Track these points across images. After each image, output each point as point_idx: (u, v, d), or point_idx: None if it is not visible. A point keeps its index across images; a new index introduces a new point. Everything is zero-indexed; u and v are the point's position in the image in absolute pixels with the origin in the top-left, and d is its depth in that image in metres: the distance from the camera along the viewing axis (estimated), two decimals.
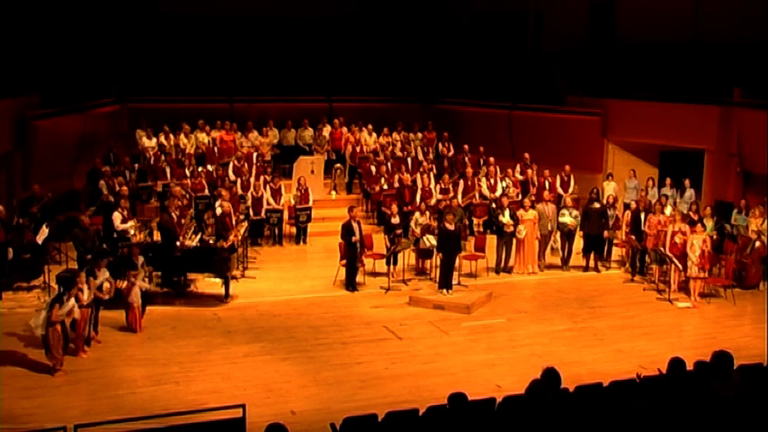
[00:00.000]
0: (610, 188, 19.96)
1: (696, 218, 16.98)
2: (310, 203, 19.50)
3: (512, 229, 17.36)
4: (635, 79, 21.19)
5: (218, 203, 17.34)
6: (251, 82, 23.46)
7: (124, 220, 16.13)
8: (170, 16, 22.90)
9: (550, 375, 7.90)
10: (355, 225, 16.07)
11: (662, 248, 16.22)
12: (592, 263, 17.90)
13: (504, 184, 20.15)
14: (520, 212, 17.45)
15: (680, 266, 15.89)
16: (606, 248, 18.30)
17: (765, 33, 18.44)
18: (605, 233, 17.80)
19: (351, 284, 16.17)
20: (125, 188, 17.55)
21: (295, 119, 23.03)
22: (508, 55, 24.81)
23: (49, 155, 18.46)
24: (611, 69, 22.12)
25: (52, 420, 9.95)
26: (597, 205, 17.76)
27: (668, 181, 19.87)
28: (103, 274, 13.28)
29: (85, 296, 12.39)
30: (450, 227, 15.62)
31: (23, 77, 18.35)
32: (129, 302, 13.49)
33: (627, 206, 18.83)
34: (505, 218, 17.42)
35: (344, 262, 16.21)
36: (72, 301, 12.03)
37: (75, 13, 21.12)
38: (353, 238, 15.93)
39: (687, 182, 19.52)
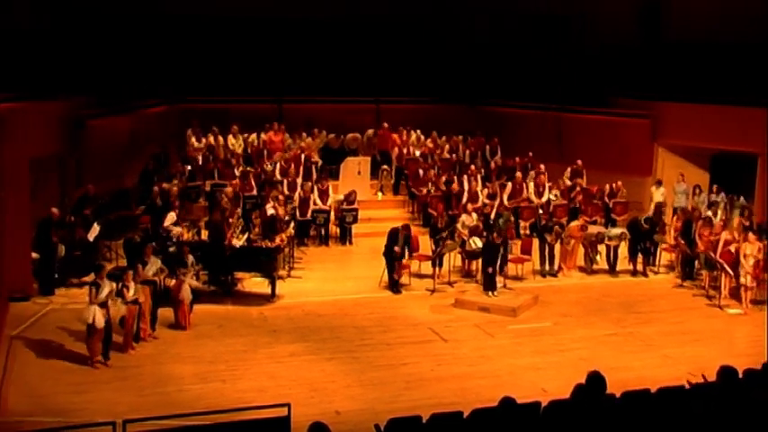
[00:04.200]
0: (658, 194, 19.71)
1: (747, 224, 16.67)
2: (355, 204, 19.55)
3: (555, 242, 17.28)
4: (685, 81, 20.86)
5: (270, 205, 17.46)
6: (300, 83, 23.58)
7: (176, 223, 16.31)
8: (221, 18, 23.12)
9: (595, 380, 7.80)
10: (401, 236, 16.03)
11: (712, 254, 15.95)
12: (640, 267, 17.68)
13: (553, 195, 19.97)
14: (574, 225, 17.33)
15: (731, 274, 15.59)
16: (654, 253, 18.06)
17: None
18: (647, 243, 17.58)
19: (393, 286, 16.17)
20: (175, 188, 17.77)
21: (343, 120, 23.12)
22: (557, 57, 24.60)
23: (101, 154, 18.77)
24: (660, 71, 21.82)
25: (102, 415, 10.09)
26: (646, 225, 17.45)
27: (714, 188, 19.51)
28: (155, 263, 13.50)
29: (131, 293, 12.57)
30: (498, 240, 15.63)
31: (78, 79, 18.67)
32: (180, 300, 13.69)
33: (676, 211, 18.56)
34: (551, 235, 17.28)
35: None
36: (107, 289, 12.22)
37: (127, 16, 21.44)
38: (395, 248, 15.93)
39: (735, 194, 19.16)
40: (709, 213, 17.63)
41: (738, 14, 20.34)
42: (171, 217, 16.34)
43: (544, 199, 19.79)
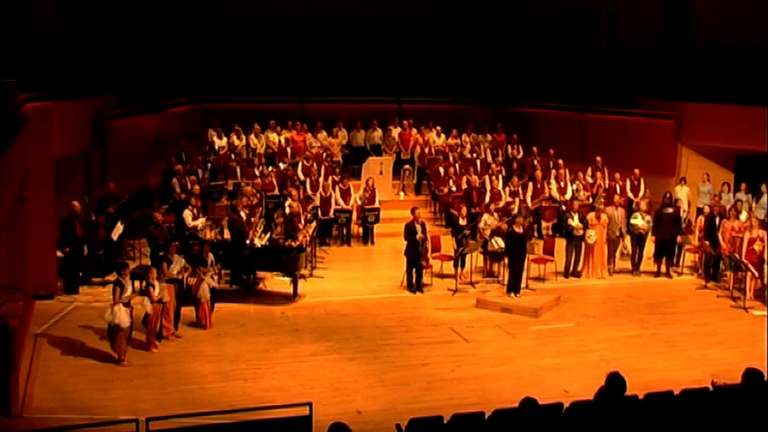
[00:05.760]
0: (682, 193, 19.55)
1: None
2: (377, 204, 19.56)
3: (581, 232, 17.15)
4: (711, 82, 20.64)
5: (287, 203, 17.53)
6: (321, 83, 23.64)
7: (194, 218, 16.44)
8: (243, 18, 23.22)
9: (615, 380, 7.76)
10: (418, 226, 16.02)
11: (737, 255, 15.81)
12: (663, 268, 17.56)
13: (575, 187, 19.93)
14: (590, 216, 17.23)
15: (756, 274, 15.47)
16: (678, 254, 17.94)
17: None
18: (678, 238, 17.47)
19: (412, 286, 16.15)
20: (197, 186, 17.85)
21: (365, 119, 23.13)
22: (580, 57, 24.47)
23: (124, 153, 18.88)
24: (686, 71, 21.61)
25: (125, 412, 10.20)
26: (670, 210, 17.44)
27: (743, 186, 19.37)
28: (179, 261, 13.55)
29: (156, 291, 12.64)
30: (519, 230, 15.52)
31: (101, 79, 18.79)
32: (198, 298, 13.76)
33: (700, 211, 18.41)
34: (575, 221, 17.22)
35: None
36: (130, 289, 12.34)
37: (150, 16, 21.56)
38: (417, 236, 15.89)
39: (763, 187, 19.00)
40: (737, 206, 17.42)
41: (764, 16, 20.11)
42: (187, 214, 16.42)
43: (568, 195, 19.67)
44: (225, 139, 21.62)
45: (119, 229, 15.99)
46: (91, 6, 20.24)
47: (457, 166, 21.07)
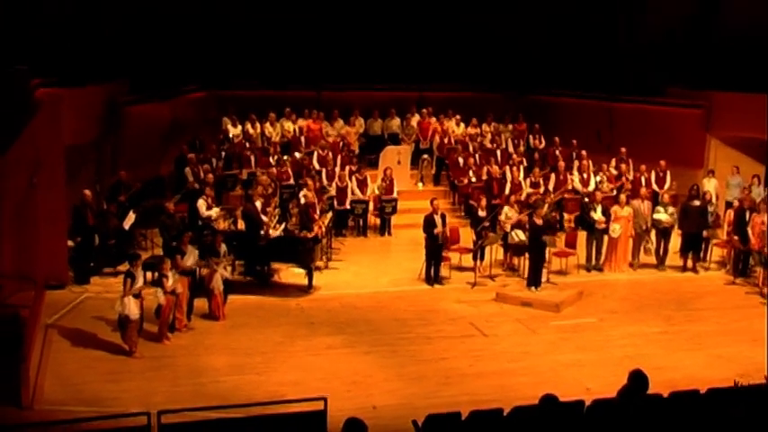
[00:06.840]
0: (710, 185, 19.13)
1: None
2: (395, 194, 19.26)
3: (603, 225, 16.80)
4: (742, 71, 20.13)
5: (302, 193, 17.27)
6: (339, 70, 23.30)
7: (209, 207, 16.21)
8: (259, 4, 22.92)
9: (637, 378, 7.49)
10: (438, 218, 15.76)
11: (767, 250, 15.41)
12: (690, 263, 17.18)
13: (598, 179, 19.56)
14: (614, 209, 16.86)
15: None
16: (705, 248, 17.53)
17: None
18: (705, 232, 17.06)
19: (430, 278, 15.90)
20: (210, 176, 17.62)
21: (382, 108, 22.81)
22: (605, 44, 23.99)
23: (137, 141, 18.73)
24: (716, 60, 21.11)
25: (137, 405, 10.03)
26: (697, 203, 17.06)
27: None
28: (192, 252, 13.37)
29: (170, 283, 12.47)
30: (539, 221, 15.20)
31: (115, 64, 18.60)
32: (211, 289, 13.57)
33: (729, 204, 17.99)
34: (597, 214, 16.87)
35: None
36: (141, 280, 12.17)
37: (165, 1, 21.31)
38: (435, 230, 15.62)
39: None
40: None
41: None
42: (201, 204, 16.19)
43: (590, 187, 19.29)
44: (239, 128, 21.38)
45: (130, 218, 15.79)
46: None
47: (477, 156, 20.76)
